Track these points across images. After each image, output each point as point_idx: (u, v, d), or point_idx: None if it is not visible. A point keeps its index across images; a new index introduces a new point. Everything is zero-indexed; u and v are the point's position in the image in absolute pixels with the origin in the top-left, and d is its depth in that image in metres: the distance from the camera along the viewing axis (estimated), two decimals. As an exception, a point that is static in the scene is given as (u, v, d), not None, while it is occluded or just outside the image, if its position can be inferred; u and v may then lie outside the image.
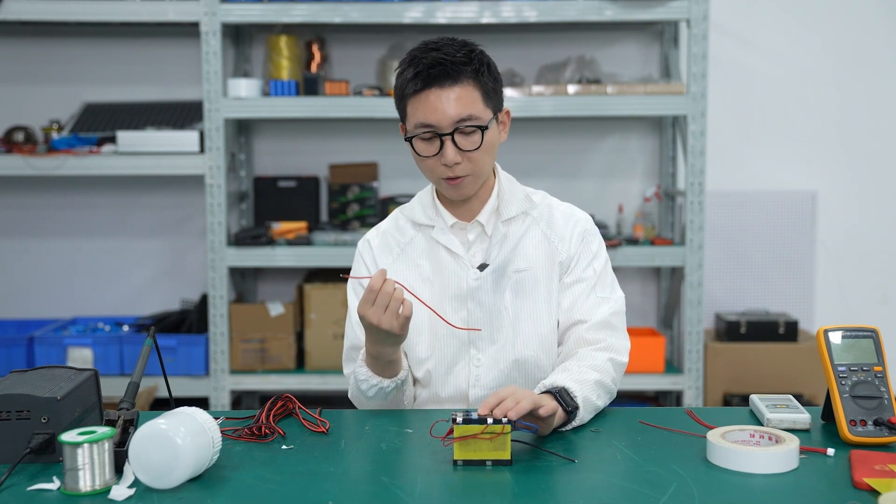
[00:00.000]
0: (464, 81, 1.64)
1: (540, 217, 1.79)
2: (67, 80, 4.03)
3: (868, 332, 1.51)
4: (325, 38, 3.92)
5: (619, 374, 1.71)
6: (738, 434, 1.41)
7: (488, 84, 1.67)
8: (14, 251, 4.12)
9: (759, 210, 4.04)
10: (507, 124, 1.77)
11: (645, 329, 3.96)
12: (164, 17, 3.55)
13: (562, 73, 3.76)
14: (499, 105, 1.72)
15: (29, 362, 3.65)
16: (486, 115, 1.67)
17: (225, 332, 3.64)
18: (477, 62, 1.65)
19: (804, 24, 4.00)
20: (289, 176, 3.99)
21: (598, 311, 1.74)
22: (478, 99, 1.66)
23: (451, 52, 1.64)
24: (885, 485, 1.24)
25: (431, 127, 1.65)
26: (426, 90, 1.64)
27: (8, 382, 1.44)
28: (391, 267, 1.79)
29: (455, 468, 1.36)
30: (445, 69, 1.63)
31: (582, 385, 1.58)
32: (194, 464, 1.28)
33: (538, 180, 3.95)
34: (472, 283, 1.74)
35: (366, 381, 1.69)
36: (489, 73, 1.68)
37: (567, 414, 1.53)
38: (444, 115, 1.64)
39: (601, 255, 1.79)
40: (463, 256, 1.76)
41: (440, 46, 1.66)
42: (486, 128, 1.66)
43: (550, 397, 1.51)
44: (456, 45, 1.67)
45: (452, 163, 1.66)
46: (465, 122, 1.64)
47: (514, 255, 1.76)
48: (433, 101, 1.64)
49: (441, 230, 1.77)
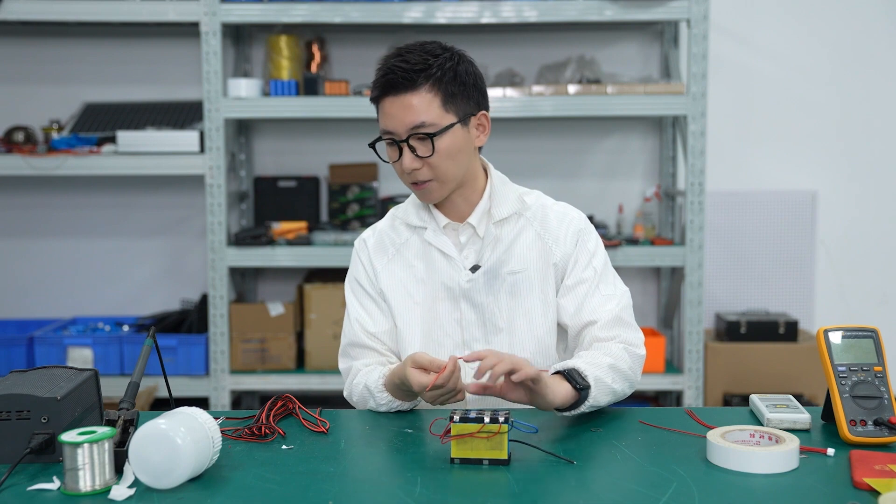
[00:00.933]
0: (419, 88, 1.64)
1: (533, 218, 1.79)
2: (67, 80, 4.03)
3: (868, 332, 1.51)
4: (325, 38, 3.92)
5: (637, 364, 1.71)
6: (738, 434, 1.41)
7: (451, 89, 1.66)
8: (14, 251, 4.12)
9: (759, 210, 4.04)
10: (485, 127, 1.76)
11: (645, 329, 3.96)
12: (164, 17, 3.55)
13: (562, 72, 3.76)
14: (471, 109, 1.71)
15: (29, 362, 3.65)
16: (444, 121, 1.66)
17: (225, 332, 3.64)
18: (437, 68, 1.64)
19: (804, 23, 4.00)
20: (289, 176, 3.99)
21: (607, 308, 1.73)
22: (436, 105, 1.65)
23: (411, 59, 1.64)
24: (885, 485, 1.24)
25: (391, 134, 1.68)
26: (383, 98, 1.67)
27: (8, 382, 1.44)
28: (386, 267, 1.79)
29: (452, 467, 1.36)
30: (399, 77, 1.63)
31: (594, 367, 1.60)
32: (194, 464, 1.28)
33: (538, 180, 3.95)
34: (465, 285, 1.74)
35: (386, 404, 1.67)
36: (454, 79, 1.66)
37: (578, 392, 1.55)
38: (399, 122, 1.65)
39: (599, 253, 1.79)
40: (455, 258, 1.75)
41: (405, 52, 1.66)
42: (437, 134, 1.65)
43: (559, 377, 1.55)
44: (422, 51, 1.66)
45: (410, 169, 1.67)
46: (418, 129, 1.65)
47: (507, 256, 1.75)
48: (388, 108, 1.66)
49: (433, 232, 1.77)
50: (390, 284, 1.79)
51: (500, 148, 3.96)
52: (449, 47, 1.70)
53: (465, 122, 1.70)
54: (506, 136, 3.96)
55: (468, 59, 1.72)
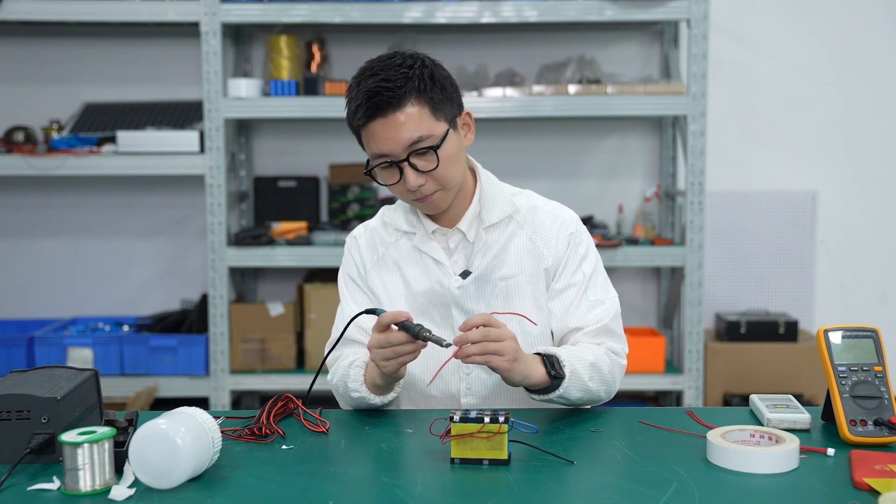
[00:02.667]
0: (407, 103, 1.59)
1: (524, 221, 1.75)
2: (67, 80, 4.03)
3: (868, 332, 1.51)
4: (325, 38, 3.92)
5: (617, 372, 1.69)
6: (738, 434, 1.41)
7: (435, 96, 1.61)
8: (14, 251, 4.12)
9: (759, 210, 4.04)
10: (470, 125, 1.72)
11: (645, 329, 3.96)
12: (164, 17, 3.55)
13: (562, 72, 3.76)
14: (455, 111, 1.67)
15: (29, 362, 3.66)
16: (439, 130, 1.62)
17: (225, 332, 3.64)
18: (416, 79, 1.59)
19: (804, 23, 4.00)
20: (289, 176, 3.99)
21: (593, 315, 1.71)
22: (426, 115, 1.60)
23: (389, 76, 1.59)
24: (885, 485, 1.24)
25: (387, 156, 1.62)
26: (371, 122, 1.61)
27: (8, 382, 1.44)
28: (375, 267, 1.77)
29: (453, 467, 1.36)
30: (384, 97, 1.58)
31: (575, 360, 1.60)
32: (194, 464, 1.28)
33: (538, 180, 3.96)
34: (456, 292, 1.72)
35: (356, 389, 1.65)
36: (434, 85, 1.62)
37: (551, 379, 1.56)
38: (396, 142, 1.60)
39: (590, 257, 1.76)
40: (445, 264, 1.72)
41: (378, 71, 1.61)
42: (439, 145, 1.61)
43: (538, 360, 1.57)
44: (393, 65, 1.61)
45: (415, 186, 1.62)
46: (418, 143, 1.60)
47: (498, 261, 1.72)
48: (380, 131, 1.60)
49: (422, 237, 1.74)
50: (380, 284, 1.77)
51: (501, 148, 3.97)
52: (414, 55, 1.64)
53: (454, 126, 1.66)
54: (506, 136, 3.96)
55: (438, 63, 1.67)
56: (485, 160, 1.85)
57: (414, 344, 1.52)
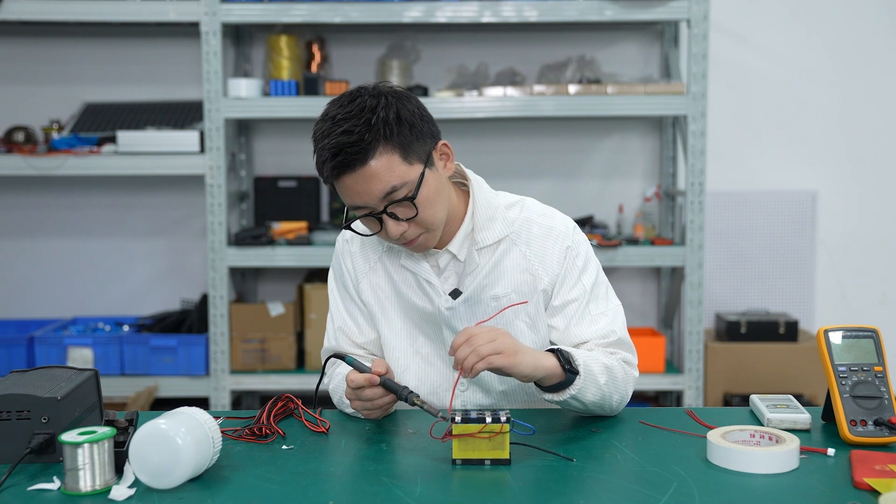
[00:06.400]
0: (374, 154, 1.49)
1: (518, 237, 1.67)
2: (67, 80, 4.03)
3: (868, 332, 1.51)
4: (325, 38, 3.92)
5: (629, 381, 1.65)
6: (739, 434, 1.41)
7: (404, 139, 1.51)
8: (14, 251, 4.12)
9: (759, 210, 4.04)
10: (449, 154, 1.62)
11: (645, 329, 3.96)
12: (165, 17, 3.55)
13: (562, 72, 3.76)
14: (428, 146, 1.57)
15: (29, 362, 3.65)
16: (412, 175, 1.52)
17: (225, 332, 3.64)
18: (381, 124, 1.49)
19: (805, 23, 4.00)
20: (289, 176, 3.99)
21: (597, 328, 1.66)
22: (397, 162, 1.51)
23: (351, 127, 1.48)
24: (886, 485, 1.24)
25: (364, 208, 1.55)
26: (341, 177, 1.52)
27: (8, 382, 1.44)
28: (367, 277, 1.72)
29: (454, 467, 1.36)
30: (349, 154, 1.48)
31: (590, 360, 1.55)
32: (194, 464, 1.28)
33: (538, 180, 3.96)
34: (446, 312, 1.66)
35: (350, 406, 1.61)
36: (402, 126, 1.51)
37: (565, 372, 1.51)
38: (369, 195, 1.52)
39: (590, 268, 1.69)
40: (436, 284, 1.66)
41: (340, 121, 1.50)
42: (415, 195, 1.53)
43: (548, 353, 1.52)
44: (355, 111, 1.50)
45: (398, 235, 1.55)
46: (392, 194, 1.52)
47: (490, 280, 1.65)
48: (352, 185, 1.52)
49: (409, 256, 1.67)
50: (372, 296, 1.72)
51: (501, 148, 3.97)
52: (377, 92, 1.53)
53: (430, 163, 1.57)
54: (506, 136, 3.95)
55: (403, 95, 1.55)
56: (485, 160, 1.84)
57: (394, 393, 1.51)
